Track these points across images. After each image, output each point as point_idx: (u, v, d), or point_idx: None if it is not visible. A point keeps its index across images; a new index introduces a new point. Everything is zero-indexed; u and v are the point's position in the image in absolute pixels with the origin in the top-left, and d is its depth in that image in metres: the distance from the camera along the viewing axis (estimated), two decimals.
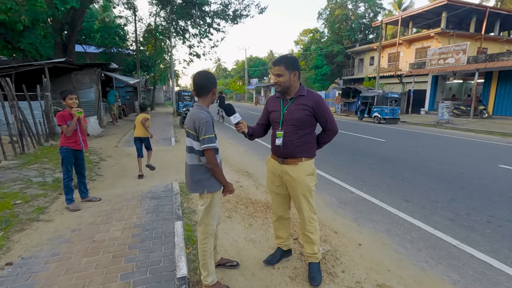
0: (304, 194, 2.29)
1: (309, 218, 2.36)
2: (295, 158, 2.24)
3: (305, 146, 2.25)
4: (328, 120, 2.27)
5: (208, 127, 1.93)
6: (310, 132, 2.27)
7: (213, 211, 2.11)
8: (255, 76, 56.26)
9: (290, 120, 2.21)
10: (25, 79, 9.30)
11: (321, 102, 2.21)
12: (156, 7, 17.54)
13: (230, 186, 2.14)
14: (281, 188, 2.40)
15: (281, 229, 2.58)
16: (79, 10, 13.33)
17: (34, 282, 2.22)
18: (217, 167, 2.01)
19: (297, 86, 2.23)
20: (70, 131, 3.59)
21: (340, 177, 5.42)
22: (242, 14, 13.53)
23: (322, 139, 2.40)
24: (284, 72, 2.15)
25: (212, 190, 2.06)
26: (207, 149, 1.94)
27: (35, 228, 3.13)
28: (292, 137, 2.22)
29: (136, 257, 2.57)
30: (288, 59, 2.18)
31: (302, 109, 2.19)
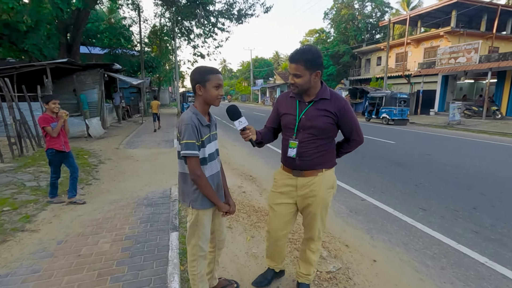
0: (320, 211, 1.95)
1: (317, 237, 2.04)
2: (314, 170, 1.89)
3: (325, 156, 1.89)
4: (353, 130, 1.90)
5: (187, 130, 1.61)
6: (329, 141, 1.92)
7: (201, 231, 1.77)
8: (260, 77, 56.05)
9: (308, 127, 1.84)
10: (28, 80, 9.17)
11: (347, 109, 1.83)
12: (161, 7, 17.43)
13: (224, 206, 1.80)
14: (289, 207, 2.00)
15: (276, 254, 2.19)
16: (83, 11, 13.24)
17: None
18: (200, 179, 1.65)
19: (318, 86, 1.84)
20: (56, 132, 3.64)
21: (349, 182, 5.09)
22: (247, 14, 13.27)
23: (344, 149, 2.04)
24: (304, 72, 1.73)
25: (197, 207, 1.73)
26: (186, 156, 1.63)
27: (18, 239, 2.88)
28: (308, 147, 1.86)
29: (124, 276, 2.29)
30: (310, 55, 1.73)
31: (324, 115, 1.81)
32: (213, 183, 1.75)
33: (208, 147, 1.74)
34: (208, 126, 1.75)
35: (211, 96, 1.67)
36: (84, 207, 3.75)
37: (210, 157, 1.75)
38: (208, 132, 1.74)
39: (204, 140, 1.70)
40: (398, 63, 27.42)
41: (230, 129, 13.02)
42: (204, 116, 1.74)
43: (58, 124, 3.66)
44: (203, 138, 1.68)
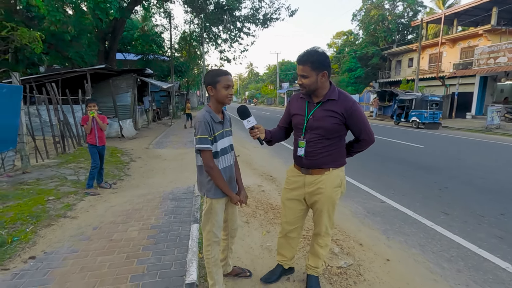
0: (327, 208, 2.03)
1: (324, 232, 2.13)
2: (321, 169, 1.98)
3: (332, 156, 1.97)
4: (362, 130, 1.94)
5: (201, 126, 1.80)
6: (337, 141, 1.98)
7: (215, 219, 1.95)
8: (286, 80, 56.01)
9: (315, 128, 1.92)
10: (71, 85, 10.06)
11: (354, 109, 1.87)
12: (191, 14, 18.20)
13: (234, 197, 1.96)
14: (299, 203, 2.12)
15: (286, 248, 2.29)
16: (119, 21, 14.21)
17: (50, 278, 2.27)
18: (212, 170, 1.83)
19: (326, 87, 1.90)
20: (88, 129, 4.33)
21: (369, 184, 5.05)
22: (272, 18, 13.49)
23: (354, 148, 2.10)
24: (310, 73, 1.82)
25: (211, 196, 1.92)
26: (200, 150, 1.82)
27: (61, 224, 3.26)
28: (316, 147, 1.94)
29: (149, 259, 2.54)
30: (316, 56, 1.81)
31: (331, 116, 1.87)
32: (225, 175, 1.93)
33: (221, 142, 1.91)
34: (221, 123, 1.93)
35: (222, 96, 1.85)
36: (115, 199, 4.12)
37: (222, 151, 1.93)
38: (221, 128, 1.92)
39: (217, 135, 1.88)
40: (432, 64, 26.15)
41: None
42: (218, 114, 1.92)
43: (89, 122, 4.37)
44: (215, 134, 1.87)
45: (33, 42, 7.75)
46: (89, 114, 4.38)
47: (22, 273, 2.34)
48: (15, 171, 5.35)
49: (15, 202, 3.78)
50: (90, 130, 4.40)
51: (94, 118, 4.41)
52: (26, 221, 3.24)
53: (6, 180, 4.85)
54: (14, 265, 2.45)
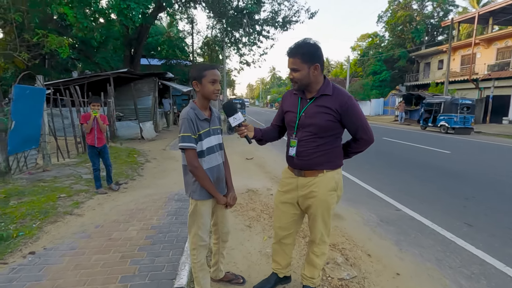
0: (321, 213, 1.87)
1: (319, 240, 1.95)
2: (314, 170, 1.83)
3: (326, 156, 1.81)
4: (359, 128, 1.78)
5: (184, 124, 1.72)
6: (331, 140, 1.82)
7: (200, 221, 1.85)
8: None
9: (307, 125, 1.78)
10: (97, 88, 10.55)
11: (350, 105, 1.72)
12: (213, 20, 18.54)
13: (221, 198, 1.85)
14: (292, 206, 1.96)
15: (280, 255, 2.14)
16: (144, 27, 14.75)
17: (44, 274, 2.28)
18: (197, 170, 1.74)
19: (319, 81, 1.77)
20: (87, 128, 4.23)
21: (386, 191, 4.74)
22: (291, 20, 13.37)
23: (352, 149, 1.93)
24: (301, 66, 1.69)
25: (196, 197, 1.82)
26: (183, 148, 1.73)
27: (66, 221, 3.33)
28: (307, 146, 1.80)
29: (142, 260, 2.49)
30: (306, 48, 1.69)
31: (324, 113, 1.73)
32: (212, 176, 1.83)
33: (207, 141, 1.81)
34: (207, 120, 1.83)
35: (208, 91, 1.76)
36: (123, 198, 4.16)
37: (208, 151, 1.83)
38: (207, 126, 1.83)
39: (202, 134, 1.78)
40: (464, 66, 24.66)
41: None
42: (204, 111, 1.83)
43: (89, 121, 4.21)
44: (200, 132, 1.77)
45: (60, 47, 8.16)
46: (92, 113, 4.27)
47: (19, 268, 2.37)
48: (36, 169, 5.62)
49: (29, 198, 3.92)
50: (90, 130, 4.26)
51: (95, 118, 4.29)
52: (35, 217, 3.33)
53: (27, 177, 5.09)
54: (13, 260, 2.50)
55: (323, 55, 1.75)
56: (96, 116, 4.28)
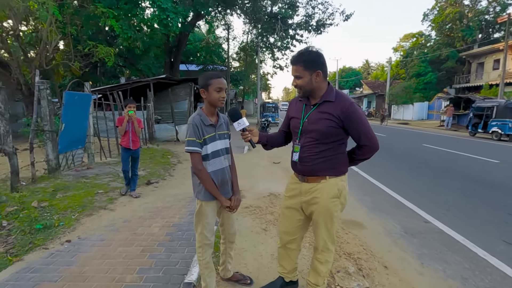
0: (324, 220, 1.87)
1: (323, 247, 1.94)
2: (316, 176, 1.84)
3: (329, 162, 1.81)
4: (362, 134, 1.77)
5: (189, 129, 1.84)
6: (335, 147, 1.82)
7: (205, 221, 1.95)
8: (347, 87, 53.68)
9: (310, 131, 1.80)
10: (138, 93, 11.40)
11: (352, 111, 1.72)
12: (249, 25, 18.98)
13: (224, 201, 1.92)
14: (297, 212, 1.98)
15: (285, 259, 2.15)
16: (183, 35, 15.60)
17: (75, 261, 2.57)
18: (200, 172, 1.85)
19: (322, 88, 1.79)
20: (122, 130, 4.27)
21: (417, 201, 4.46)
22: (325, 24, 13.16)
23: (356, 155, 1.91)
24: (303, 73, 1.74)
25: (201, 198, 1.93)
26: (188, 152, 1.85)
27: (100, 215, 3.67)
28: (310, 152, 1.81)
29: (159, 255, 2.68)
30: (307, 55, 1.74)
31: (326, 119, 1.74)
32: (216, 178, 1.92)
33: (212, 145, 1.91)
34: (213, 126, 1.93)
35: (213, 98, 1.86)
36: (152, 196, 4.46)
37: (213, 154, 1.92)
38: (212, 131, 1.92)
39: (207, 138, 1.88)
40: None
41: None
42: (211, 117, 1.94)
43: (123, 123, 4.22)
44: (205, 137, 1.87)
45: (107, 56, 8.99)
46: (127, 112, 4.24)
47: (56, 253, 2.70)
48: (82, 167, 6.24)
49: (72, 193, 4.39)
50: (125, 132, 4.26)
51: (130, 120, 4.26)
52: (74, 210, 3.74)
53: (73, 174, 5.69)
54: (53, 246, 2.84)
55: (325, 63, 1.77)
56: (131, 116, 4.25)
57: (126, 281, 2.28)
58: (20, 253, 2.67)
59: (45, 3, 6.97)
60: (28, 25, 11.08)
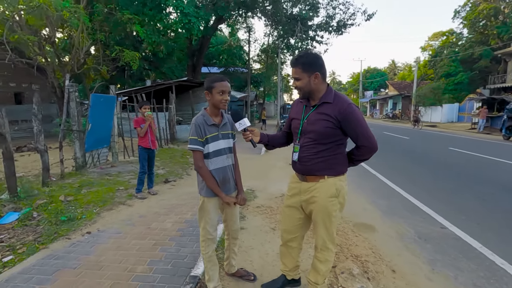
0: (322, 219, 1.90)
1: (322, 246, 1.96)
2: (315, 176, 1.89)
3: (327, 162, 1.85)
4: (359, 135, 1.79)
5: (192, 128, 1.95)
6: (333, 147, 1.85)
7: (207, 217, 2.04)
8: (371, 88, 52.22)
9: (308, 132, 1.86)
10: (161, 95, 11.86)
11: (349, 112, 1.75)
12: (270, 27, 19.09)
13: (224, 197, 2.01)
14: (297, 211, 2.03)
15: (287, 257, 2.19)
16: (205, 38, 16.00)
17: (93, 251, 2.77)
18: (201, 170, 1.95)
19: (321, 89, 1.84)
20: (143, 132, 4.40)
21: (434, 206, 4.30)
22: (346, 24, 12.94)
23: (355, 156, 1.93)
24: (302, 75, 1.80)
25: (203, 194, 2.03)
26: (191, 150, 1.96)
27: (119, 209, 3.90)
28: (309, 152, 1.86)
29: (170, 248, 2.82)
30: (305, 58, 1.81)
31: (323, 119, 1.79)
32: (217, 176, 2.01)
33: (214, 144, 2.00)
34: (216, 125, 2.02)
35: (216, 100, 1.96)
36: (168, 194, 4.66)
37: (215, 153, 2.02)
38: (215, 131, 2.02)
39: (209, 137, 1.98)
40: None
41: None
42: (215, 117, 2.03)
43: (144, 125, 4.35)
44: (207, 136, 1.97)
45: (132, 60, 9.45)
46: (146, 114, 4.35)
47: (77, 244, 2.92)
48: (106, 165, 6.62)
49: (96, 189, 4.69)
50: (145, 133, 4.37)
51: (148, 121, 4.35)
52: (96, 204, 4.00)
53: (98, 171, 6.05)
54: (75, 237, 3.07)
55: (323, 65, 1.82)
56: (149, 117, 4.38)
57: (137, 271, 2.43)
58: (46, 242, 2.92)
59: (76, 12, 7.48)
60: (63, 32, 11.93)
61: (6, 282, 2.28)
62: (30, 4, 7.12)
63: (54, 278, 2.33)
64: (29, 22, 9.26)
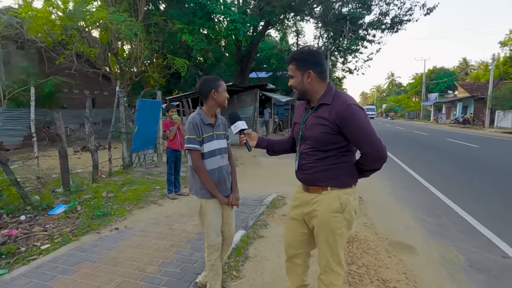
0: (325, 236, 1.68)
1: (325, 267, 1.72)
2: (317, 186, 1.68)
3: (329, 172, 1.63)
4: (362, 140, 1.54)
5: (189, 128, 1.90)
6: (336, 154, 1.62)
7: (208, 221, 1.98)
8: (436, 90, 47.05)
9: (307, 137, 1.67)
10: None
11: (348, 114, 1.51)
12: (320, 29, 18.60)
13: (221, 198, 1.95)
14: (300, 224, 1.82)
15: (291, 274, 1.98)
16: (253, 44, 16.27)
17: (116, 246, 2.92)
18: (200, 170, 1.89)
19: (317, 90, 1.64)
20: (172, 134, 4.54)
21: (497, 230, 3.57)
22: (402, 20, 11.83)
23: (362, 166, 1.66)
24: (295, 73, 1.63)
25: (200, 196, 1.97)
26: (189, 150, 1.91)
27: (149, 208, 4.09)
28: (308, 160, 1.67)
29: (183, 251, 2.82)
30: (298, 55, 1.64)
31: (320, 124, 1.58)
32: (213, 177, 1.95)
33: (209, 145, 1.96)
34: (211, 125, 1.98)
35: (222, 98, 1.98)
36: None
37: (210, 154, 1.96)
38: (210, 131, 1.97)
39: (205, 137, 1.94)
40: None
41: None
42: (211, 117, 2.00)
43: (173, 128, 4.51)
44: (203, 136, 1.93)
45: (181, 67, 10.05)
46: (173, 117, 4.51)
47: (104, 238, 3.11)
48: (151, 165, 7.08)
49: (135, 187, 5.01)
50: (174, 135, 4.49)
51: (176, 123, 4.50)
52: (131, 202, 4.25)
53: (142, 170, 6.50)
54: (104, 232, 3.29)
55: (319, 62, 1.63)
56: (177, 119, 4.55)
57: (147, 271, 2.47)
58: (79, 234, 3.18)
59: (131, 25, 8.24)
60: (126, 44, 13.30)
61: (36, 268, 2.52)
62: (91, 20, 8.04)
63: (74, 269, 2.50)
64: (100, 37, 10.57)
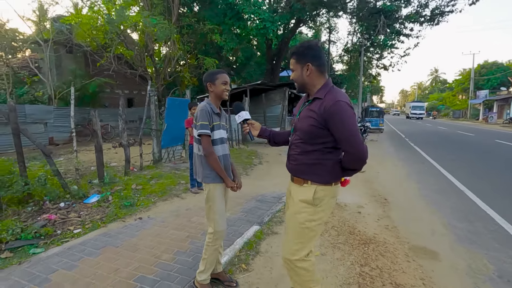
0: (291, 225, 1.73)
1: (287, 254, 1.74)
2: (300, 178, 1.70)
3: (313, 167, 1.65)
4: (342, 138, 1.54)
5: (202, 114, 1.99)
6: (321, 150, 1.63)
7: (216, 207, 2.07)
8: (487, 87, 42.87)
9: (297, 129, 1.72)
10: (238, 98, 12.59)
11: (334, 110, 1.51)
12: (355, 25, 17.96)
13: (229, 182, 2.06)
14: None
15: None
16: (283, 42, 16.20)
17: (137, 234, 3.13)
18: (211, 155, 1.99)
19: (316, 83, 1.65)
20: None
21: None
22: (444, 12, 10.97)
23: (343, 164, 1.65)
24: (295, 66, 1.67)
25: (208, 181, 2.05)
26: (201, 135, 1.99)
27: (172, 201, 4.30)
28: (295, 150, 1.72)
29: (198, 242, 2.94)
30: (298, 48, 1.66)
31: (310, 117, 1.62)
32: (222, 163, 2.06)
33: (217, 132, 2.08)
34: (218, 115, 2.10)
35: (219, 90, 2.05)
36: None
37: (220, 140, 2.09)
38: (218, 120, 2.09)
39: (214, 125, 2.05)
40: None
41: (405, 147, 11.27)
42: (216, 108, 2.10)
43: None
44: (213, 123, 2.04)
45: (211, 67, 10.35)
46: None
47: (128, 226, 3.35)
48: (179, 160, 7.41)
49: (162, 181, 5.29)
50: None
51: None
52: (156, 194, 4.51)
53: (171, 165, 6.83)
54: (129, 220, 3.54)
55: (318, 56, 1.64)
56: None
57: (162, 258, 2.63)
58: (106, 221, 3.46)
59: (164, 27, 8.66)
60: (161, 46, 14.00)
61: (68, 249, 2.80)
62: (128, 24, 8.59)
63: (99, 252, 2.74)
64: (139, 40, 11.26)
